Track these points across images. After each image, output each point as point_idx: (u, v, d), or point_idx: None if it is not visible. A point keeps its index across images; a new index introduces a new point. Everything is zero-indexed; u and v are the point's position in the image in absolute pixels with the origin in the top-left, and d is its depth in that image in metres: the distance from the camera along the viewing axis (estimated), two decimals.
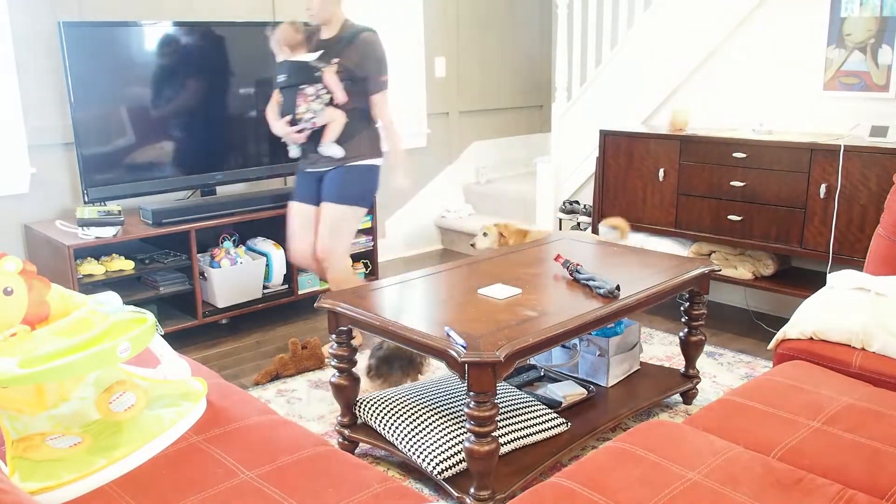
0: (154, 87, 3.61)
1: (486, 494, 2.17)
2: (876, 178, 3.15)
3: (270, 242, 3.92)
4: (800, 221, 3.40)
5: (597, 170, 4.09)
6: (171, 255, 3.63)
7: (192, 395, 1.85)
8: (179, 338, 3.60)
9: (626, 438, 1.80)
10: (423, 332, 2.17)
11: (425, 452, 2.32)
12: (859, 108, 3.51)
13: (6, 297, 1.69)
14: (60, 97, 3.54)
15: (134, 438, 1.67)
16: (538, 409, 2.57)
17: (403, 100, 5.08)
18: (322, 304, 2.48)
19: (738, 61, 3.89)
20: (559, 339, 2.23)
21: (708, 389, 3.07)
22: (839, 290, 2.54)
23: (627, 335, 2.92)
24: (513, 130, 5.87)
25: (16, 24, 3.41)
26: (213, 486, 1.57)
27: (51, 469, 1.56)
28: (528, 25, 5.82)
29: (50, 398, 1.66)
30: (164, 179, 3.70)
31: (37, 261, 3.43)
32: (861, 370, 2.22)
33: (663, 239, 3.91)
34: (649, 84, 4.21)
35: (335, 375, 2.55)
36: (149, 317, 1.75)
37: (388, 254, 5.11)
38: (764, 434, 1.85)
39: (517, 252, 3.02)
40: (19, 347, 1.59)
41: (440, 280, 2.68)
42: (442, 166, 5.40)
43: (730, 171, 3.58)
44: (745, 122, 3.89)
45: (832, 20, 3.51)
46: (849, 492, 1.58)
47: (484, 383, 2.03)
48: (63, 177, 3.65)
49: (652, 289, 2.54)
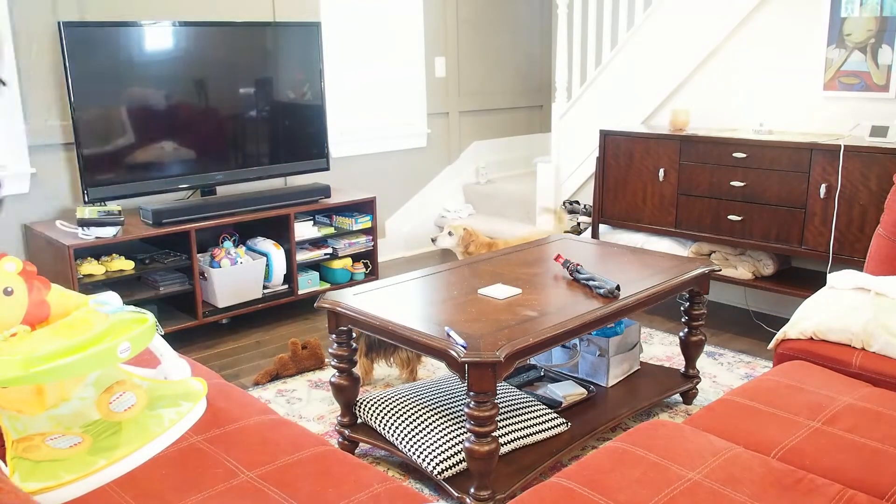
0: (154, 87, 3.61)
1: (486, 494, 2.17)
2: (876, 178, 3.15)
3: (270, 242, 3.92)
4: (800, 221, 3.40)
5: (597, 170, 4.09)
6: (171, 255, 3.63)
7: (192, 395, 1.85)
8: (179, 338, 3.60)
9: (626, 438, 1.80)
10: (423, 332, 2.17)
11: (425, 452, 2.32)
12: (859, 108, 3.51)
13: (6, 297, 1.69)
14: (60, 97, 3.54)
15: (134, 438, 1.67)
16: (538, 409, 2.57)
17: (403, 100, 5.09)
18: (322, 304, 2.48)
19: (738, 61, 3.89)
20: (559, 339, 2.23)
21: (708, 389, 3.07)
22: (839, 290, 2.54)
23: (627, 335, 2.92)
24: (513, 130, 5.87)
25: (16, 24, 3.41)
26: (213, 486, 1.57)
27: (51, 469, 1.56)
28: (528, 25, 5.82)
29: (50, 398, 1.66)
30: (164, 179, 3.70)
31: (37, 261, 3.43)
32: (861, 370, 2.22)
33: (663, 239, 3.91)
34: (649, 84, 4.21)
35: (335, 375, 2.56)
36: (149, 317, 1.75)
37: (388, 254, 5.11)
38: (764, 434, 1.85)
39: (517, 252, 3.02)
40: (19, 347, 1.59)
41: (440, 280, 2.68)
42: (442, 166, 5.40)
43: (730, 171, 3.58)
44: (746, 122, 3.89)
45: (832, 20, 3.51)
46: (849, 492, 1.58)
47: (484, 383, 2.03)
48: (63, 177, 3.65)
49: (652, 289, 2.54)
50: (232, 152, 3.94)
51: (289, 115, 4.12)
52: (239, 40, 3.86)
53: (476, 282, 2.62)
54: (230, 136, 3.92)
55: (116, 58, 3.47)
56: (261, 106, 4.00)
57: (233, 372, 3.32)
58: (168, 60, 3.63)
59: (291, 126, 4.13)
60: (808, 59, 3.64)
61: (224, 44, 3.81)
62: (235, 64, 3.86)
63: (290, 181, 4.43)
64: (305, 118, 4.19)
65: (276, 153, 4.09)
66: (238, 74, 3.88)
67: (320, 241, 4.15)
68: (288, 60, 4.06)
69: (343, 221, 4.20)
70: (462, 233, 3.86)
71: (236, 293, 3.75)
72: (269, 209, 3.84)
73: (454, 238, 3.88)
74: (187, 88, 3.72)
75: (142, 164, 3.63)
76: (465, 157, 5.53)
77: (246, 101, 3.94)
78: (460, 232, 3.86)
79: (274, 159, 4.07)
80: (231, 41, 3.83)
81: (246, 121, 3.96)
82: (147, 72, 3.58)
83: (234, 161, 3.94)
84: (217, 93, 3.82)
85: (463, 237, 3.85)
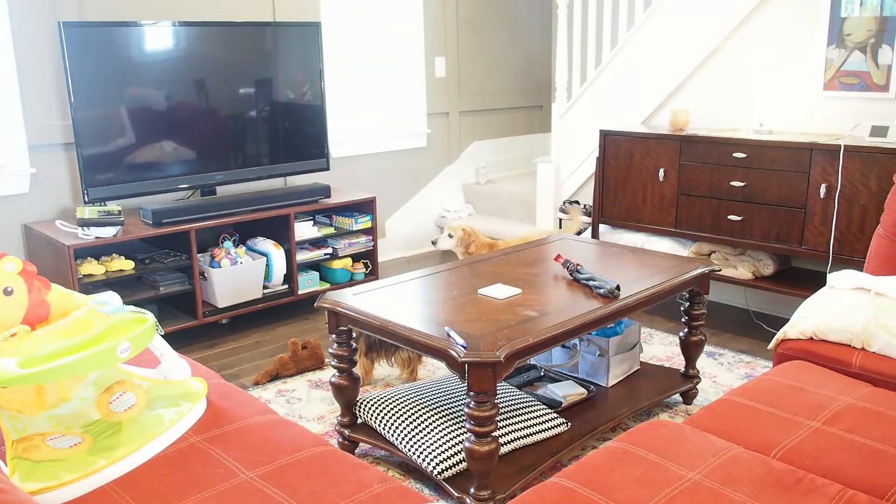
0: (154, 88, 3.61)
1: (486, 494, 2.17)
2: (876, 178, 3.15)
3: (270, 242, 3.92)
4: (800, 221, 3.40)
5: (597, 170, 4.09)
6: (171, 255, 3.63)
7: (192, 395, 1.85)
8: (179, 338, 3.61)
9: (626, 438, 1.80)
10: (423, 332, 2.17)
11: (425, 452, 2.32)
12: (859, 108, 3.51)
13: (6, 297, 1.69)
14: (60, 97, 3.54)
15: (134, 438, 1.67)
16: (538, 409, 2.57)
17: (403, 100, 5.09)
18: (322, 304, 2.48)
19: (738, 61, 3.89)
20: (559, 339, 2.23)
21: (708, 389, 3.07)
22: (839, 290, 2.54)
23: (627, 335, 2.92)
24: (513, 130, 5.87)
25: (16, 24, 3.41)
26: (213, 486, 1.57)
27: (51, 469, 1.56)
28: (528, 25, 5.82)
29: (50, 398, 1.66)
30: (164, 179, 3.70)
31: (37, 261, 3.43)
32: (861, 370, 2.22)
33: (663, 239, 3.91)
34: (649, 84, 4.21)
35: (335, 375, 2.56)
36: (149, 317, 1.75)
37: (388, 254, 5.11)
38: (764, 434, 1.85)
39: (517, 252, 3.02)
40: (19, 347, 1.59)
41: (440, 280, 2.68)
42: (442, 166, 5.40)
43: (730, 171, 3.58)
44: (746, 122, 3.89)
45: (832, 20, 3.51)
46: (849, 492, 1.58)
47: (484, 383, 2.03)
48: (63, 177, 3.65)
49: (652, 289, 2.54)
50: (232, 152, 3.94)
51: (289, 115, 4.12)
52: (239, 40, 3.86)
53: (476, 282, 2.62)
54: (230, 136, 3.92)
55: (116, 58, 3.47)
56: (261, 106, 4.00)
57: (233, 372, 3.32)
58: (168, 60, 3.64)
59: (291, 126, 4.13)
60: (808, 59, 3.64)
61: (224, 44, 3.81)
62: (235, 64, 3.86)
63: (290, 181, 4.43)
64: (305, 118, 4.19)
65: (276, 153, 4.09)
66: (238, 74, 3.88)
67: (320, 241, 4.15)
68: (288, 60, 4.06)
69: (343, 221, 4.20)
70: (461, 234, 3.86)
71: (236, 293, 3.75)
72: (269, 209, 3.84)
73: (454, 240, 3.88)
74: (187, 88, 3.72)
75: (142, 164, 3.63)
76: (465, 157, 5.53)
77: (246, 101, 3.94)
78: (459, 233, 3.86)
79: (274, 159, 4.07)
80: (231, 41, 3.83)
81: (246, 121, 3.96)
82: (147, 72, 3.58)
83: (234, 161, 3.94)
84: (217, 93, 3.82)
85: (462, 238, 3.85)
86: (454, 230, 3.88)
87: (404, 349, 2.97)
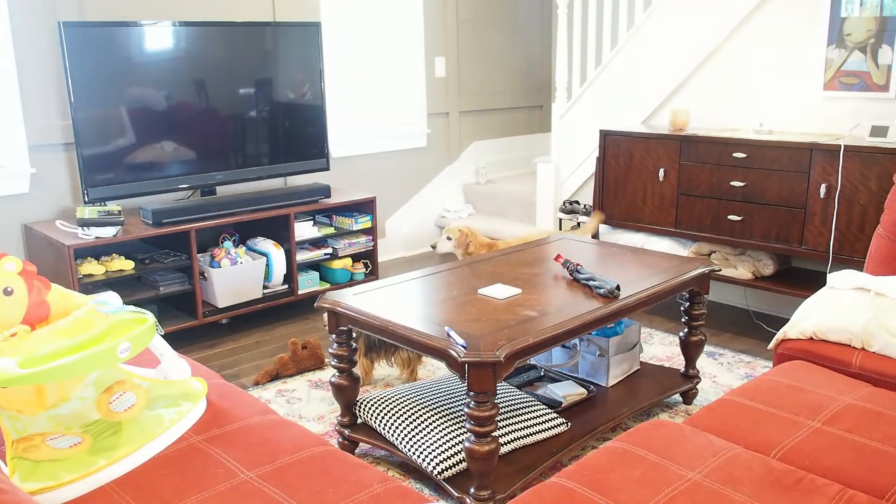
0: (154, 88, 3.61)
1: (486, 494, 2.17)
2: (876, 178, 3.15)
3: (270, 242, 3.92)
4: (800, 221, 3.40)
5: (597, 170, 4.09)
6: (171, 255, 3.63)
7: (192, 395, 1.85)
8: (179, 338, 3.61)
9: (626, 438, 1.80)
10: (423, 332, 2.17)
11: (425, 452, 2.32)
12: (859, 108, 3.51)
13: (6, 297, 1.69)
14: (60, 97, 3.54)
15: (134, 438, 1.67)
16: (538, 409, 2.57)
17: (403, 100, 5.09)
18: (322, 304, 2.48)
19: (738, 61, 3.89)
20: (559, 339, 2.23)
21: (708, 389, 3.07)
22: (839, 290, 2.54)
23: (627, 335, 2.92)
24: (513, 130, 5.87)
25: (16, 24, 3.41)
26: (213, 486, 1.57)
27: (51, 469, 1.56)
28: (528, 25, 5.82)
29: (50, 398, 1.66)
30: (164, 179, 3.70)
31: (37, 261, 3.43)
32: (861, 370, 2.22)
33: (663, 239, 3.91)
34: (649, 84, 4.21)
35: (335, 375, 2.55)
36: (149, 317, 1.75)
37: (388, 254, 5.11)
38: (764, 434, 1.85)
39: (517, 252, 3.02)
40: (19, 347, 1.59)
41: (440, 280, 2.68)
42: (442, 166, 5.40)
43: (730, 171, 3.58)
44: (746, 122, 3.89)
45: (832, 20, 3.51)
46: (849, 492, 1.58)
47: (484, 383, 2.03)
48: (63, 177, 3.65)
49: (652, 289, 2.54)
50: (232, 152, 3.94)
51: (289, 115, 4.12)
52: (239, 40, 3.86)
53: (476, 282, 2.62)
54: (230, 136, 3.92)
55: (116, 58, 3.47)
56: (261, 106, 4.00)
57: (233, 372, 3.32)
58: (168, 60, 3.64)
59: (291, 126, 4.13)
60: (808, 59, 3.64)
61: (224, 44, 3.81)
62: (235, 64, 3.86)
63: (290, 181, 4.43)
64: (305, 118, 4.19)
65: (276, 153, 4.09)
66: (238, 74, 3.88)
67: (320, 241, 4.15)
68: (288, 60, 4.06)
69: (343, 221, 4.20)
70: (458, 234, 3.85)
71: (236, 293, 3.75)
72: (269, 209, 3.84)
73: (452, 241, 3.87)
74: (187, 88, 3.72)
75: (142, 164, 3.63)
76: (465, 157, 5.53)
77: (246, 101, 3.94)
78: (456, 234, 3.85)
79: (274, 159, 4.07)
80: (231, 41, 3.83)
81: (246, 121, 3.96)
82: (147, 72, 3.58)
83: (234, 161, 3.94)
84: (217, 93, 3.82)
85: (460, 238, 3.85)
86: (451, 232, 3.88)
87: (404, 349, 2.97)
